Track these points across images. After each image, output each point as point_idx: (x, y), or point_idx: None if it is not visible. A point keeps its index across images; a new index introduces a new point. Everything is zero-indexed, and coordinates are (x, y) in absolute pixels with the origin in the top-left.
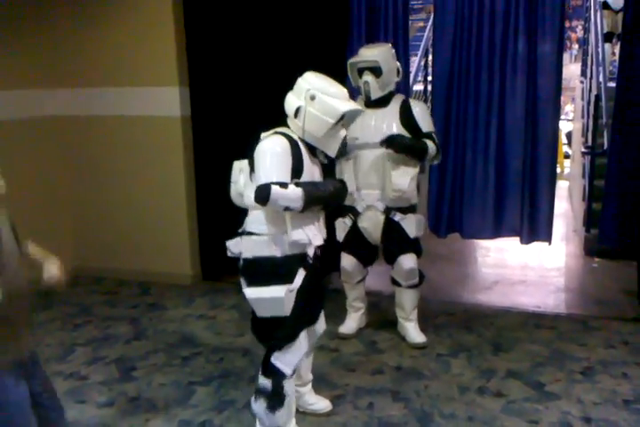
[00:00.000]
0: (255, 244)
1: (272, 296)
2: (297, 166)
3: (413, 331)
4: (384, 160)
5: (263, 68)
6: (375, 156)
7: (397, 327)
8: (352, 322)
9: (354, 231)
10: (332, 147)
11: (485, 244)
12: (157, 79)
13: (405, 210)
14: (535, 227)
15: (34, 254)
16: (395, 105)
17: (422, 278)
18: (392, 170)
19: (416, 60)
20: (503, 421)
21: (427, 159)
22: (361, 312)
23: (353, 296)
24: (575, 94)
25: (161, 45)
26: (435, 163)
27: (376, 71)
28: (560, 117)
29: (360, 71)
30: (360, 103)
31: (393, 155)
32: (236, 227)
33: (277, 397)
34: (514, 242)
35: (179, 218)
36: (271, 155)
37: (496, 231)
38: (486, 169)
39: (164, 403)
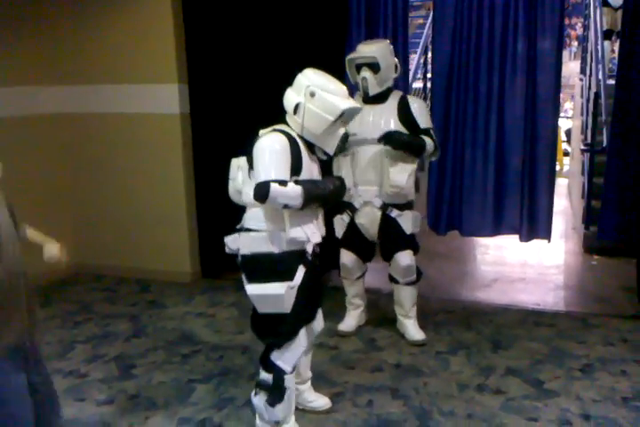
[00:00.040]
0: (253, 240)
1: (272, 293)
2: (296, 164)
3: (412, 328)
4: (382, 156)
5: (262, 65)
6: (373, 152)
7: (396, 325)
8: (351, 320)
9: (352, 228)
10: (331, 144)
11: (485, 241)
12: (156, 76)
13: (402, 206)
14: (534, 224)
15: (32, 238)
16: (393, 101)
17: (420, 275)
18: (390, 166)
19: (415, 58)
20: (502, 418)
21: (425, 156)
22: (360, 310)
23: (352, 293)
24: (574, 92)
25: (160, 43)
26: (433, 159)
27: (374, 67)
28: (559, 115)
29: (358, 67)
30: (358, 99)
31: (391, 151)
32: (236, 224)
33: (278, 391)
34: (513, 240)
35: (178, 215)
36: (270, 152)
37: (495, 229)
38: (485, 166)
39: (164, 401)
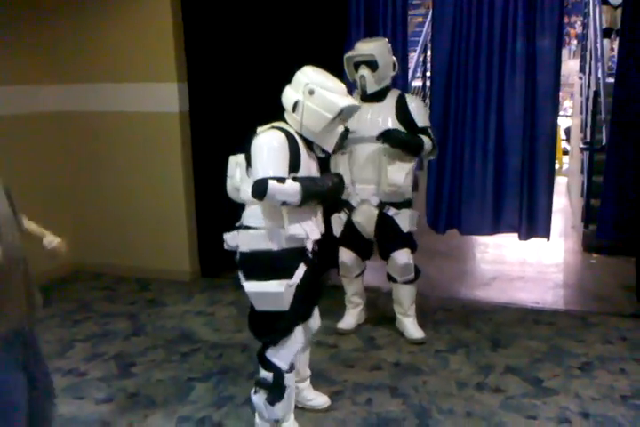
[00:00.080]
0: (252, 237)
1: (272, 291)
2: (294, 161)
3: (412, 327)
4: (380, 155)
5: (261, 64)
6: (371, 150)
7: (396, 323)
8: (351, 318)
9: (349, 226)
10: (330, 142)
11: (484, 240)
12: (156, 75)
13: (399, 205)
14: (534, 223)
15: (31, 229)
16: (391, 100)
17: (418, 274)
18: (388, 165)
19: (415, 56)
20: (501, 416)
21: (422, 155)
22: (359, 308)
23: (352, 291)
24: (574, 90)
25: (159, 41)
26: (431, 158)
27: (372, 65)
28: (559, 113)
29: (356, 65)
30: (356, 97)
31: (389, 150)
32: (235, 223)
33: (278, 389)
34: (512, 238)
35: (177, 214)
36: (268, 149)
37: (494, 227)
38: (485, 165)
39: (163, 399)
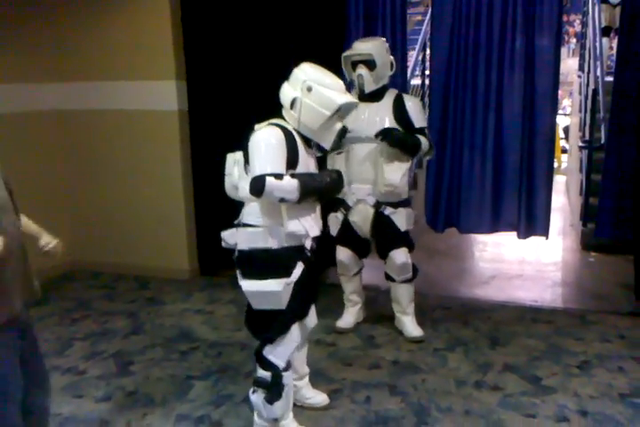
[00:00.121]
0: (251, 235)
1: (269, 290)
2: (292, 157)
3: (410, 325)
4: (377, 155)
5: (260, 62)
6: (367, 150)
7: (395, 322)
8: (349, 316)
9: (346, 225)
10: (327, 139)
11: (483, 238)
12: (155, 73)
13: (396, 204)
14: (532, 221)
15: (28, 228)
16: (388, 99)
17: (416, 272)
18: (384, 165)
19: (414, 54)
20: (500, 414)
21: (419, 155)
22: (358, 307)
23: (350, 290)
24: (573, 89)
25: (158, 40)
26: (427, 158)
27: (370, 64)
28: (557, 112)
29: (354, 64)
30: (354, 97)
31: (386, 149)
32: (234, 221)
33: (276, 388)
34: (511, 236)
35: (176, 212)
36: (265, 146)
37: (493, 226)
38: (484, 163)
39: (162, 397)
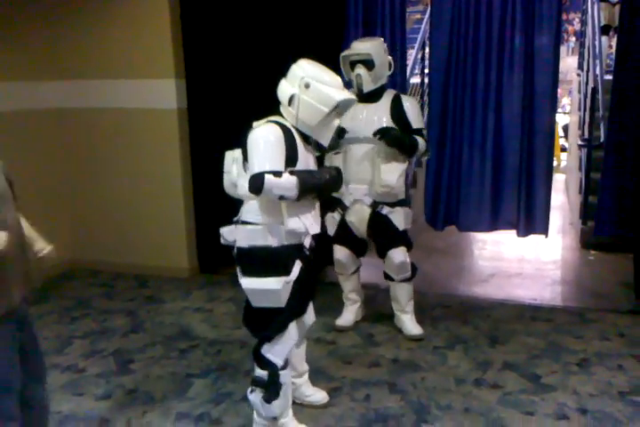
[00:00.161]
0: (250, 233)
1: (269, 288)
2: (291, 155)
3: (410, 323)
4: (374, 155)
5: (259, 61)
6: (365, 150)
7: (394, 320)
8: (349, 314)
9: (343, 225)
10: (326, 136)
11: (482, 236)
12: (154, 72)
13: (394, 204)
14: (532, 220)
15: (25, 229)
16: (386, 100)
17: (415, 271)
18: (381, 165)
19: (413, 53)
20: (499, 412)
21: (416, 155)
22: (357, 305)
23: (348, 288)
24: (572, 87)
25: (157, 38)
26: (424, 159)
27: (368, 64)
28: (557, 110)
29: (352, 64)
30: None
31: (383, 150)
32: (233, 219)
33: (273, 387)
34: (510, 235)
35: (175, 211)
36: (264, 143)
37: (493, 224)
38: (483, 162)
39: (162, 395)
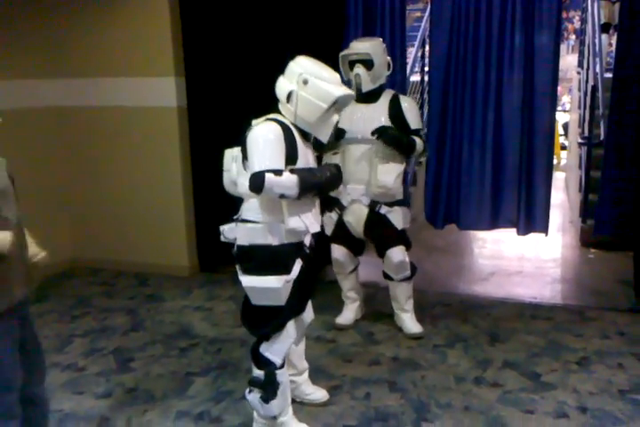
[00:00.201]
0: (250, 231)
1: (269, 286)
2: (291, 153)
3: (410, 322)
4: (372, 156)
5: (259, 60)
6: (363, 151)
7: (394, 318)
8: (349, 313)
9: (340, 225)
10: (325, 132)
11: (482, 235)
12: (153, 70)
13: (392, 204)
14: (532, 218)
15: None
16: (384, 100)
17: (414, 271)
18: (379, 166)
19: (413, 51)
20: (499, 411)
21: (414, 156)
22: (357, 303)
23: (347, 287)
24: (572, 85)
25: (158, 36)
26: (421, 160)
27: (368, 64)
28: (557, 108)
29: (351, 64)
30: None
31: (381, 150)
32: (233, 217)
33: (271, 387)
34: (510, 233)
35: (175, 209)
36: (264, 142)
37: (493, 222)
38: (483, 160)
39: (162, 394)
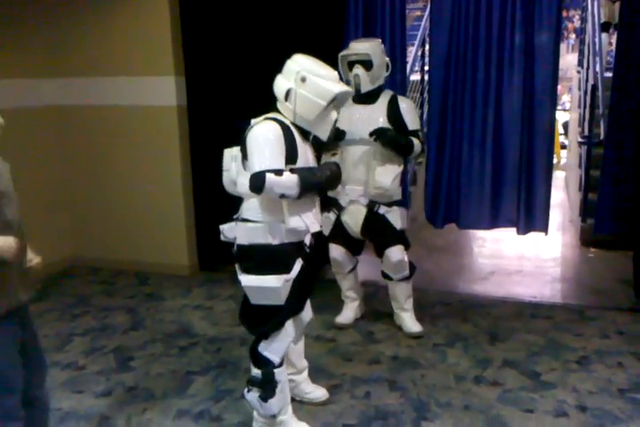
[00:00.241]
0: (251, 231)
1: (269, 286)
2: (291, 152)
3: (409, 321)
4: (370, 157)
5: (259, 59)
6: (361, 151)
7: (394, 318)
8: (349, 312)
9: (338, 225)
10: (324, 129)
11: (482, 234)
12: (153, 69)
13: (390, 204)
14: (531, 217)
15: None
16: (383, 101)
17: (413, 270)
18: (377, 167)
19: (413, 50)
20: (499, 409)
21: (411, 157)
22: (357, 302)
23: (346, 286)
24: (572, 84)
25: (157, 35)
26: (419, 161)
27: (367, 64)
28: (557, 108)
29: (350, 64)
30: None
31: (379, 152)
32: (233, 216)
33: (269, 385)
34: (510, 232)
35: (175, 208)
36: (264, 141)
37: (493, 222)
38: (483, 159)
39: (162, 393)
